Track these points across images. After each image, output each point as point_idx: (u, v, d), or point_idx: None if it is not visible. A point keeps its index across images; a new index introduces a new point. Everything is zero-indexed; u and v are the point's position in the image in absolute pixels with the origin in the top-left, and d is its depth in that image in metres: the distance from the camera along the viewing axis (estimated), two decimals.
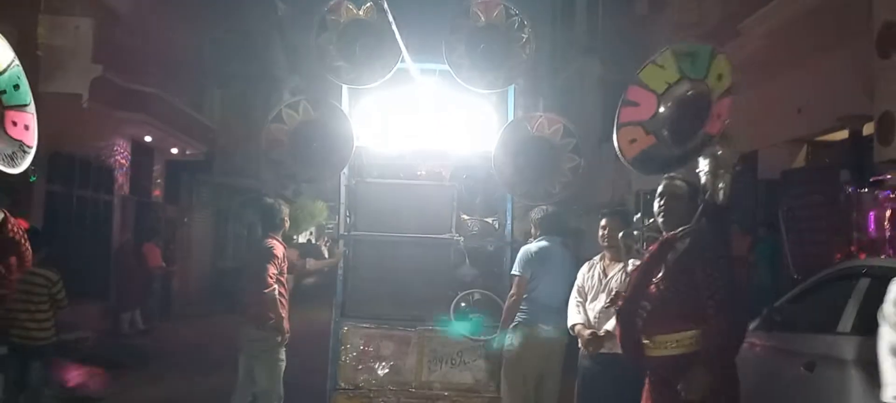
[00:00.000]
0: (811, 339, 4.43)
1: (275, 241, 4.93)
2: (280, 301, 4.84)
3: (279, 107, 5.02)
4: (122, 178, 13.43)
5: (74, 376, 6.43)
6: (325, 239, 20.47)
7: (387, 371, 5.29)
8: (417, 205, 5.48)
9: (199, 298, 15.95)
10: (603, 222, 4.55)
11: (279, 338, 4.83)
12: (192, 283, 16.16)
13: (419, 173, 5.73)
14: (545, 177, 5.05)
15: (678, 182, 3.23)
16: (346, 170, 5.44)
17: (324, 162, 4.99)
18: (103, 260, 12.67)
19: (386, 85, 5.27)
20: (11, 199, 3.67)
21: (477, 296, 5.35)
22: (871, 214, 6.40)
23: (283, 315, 4.85)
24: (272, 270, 4.75)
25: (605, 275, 4.47)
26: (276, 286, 4.76)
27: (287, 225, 5.10)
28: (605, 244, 4.48)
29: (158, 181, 15.02)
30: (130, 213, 13.71)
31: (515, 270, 4.90)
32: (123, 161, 13.53)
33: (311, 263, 5.46)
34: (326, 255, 13.07)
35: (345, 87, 5.28)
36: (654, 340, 3.17)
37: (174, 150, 14.81)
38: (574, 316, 4.56)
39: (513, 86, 5.31)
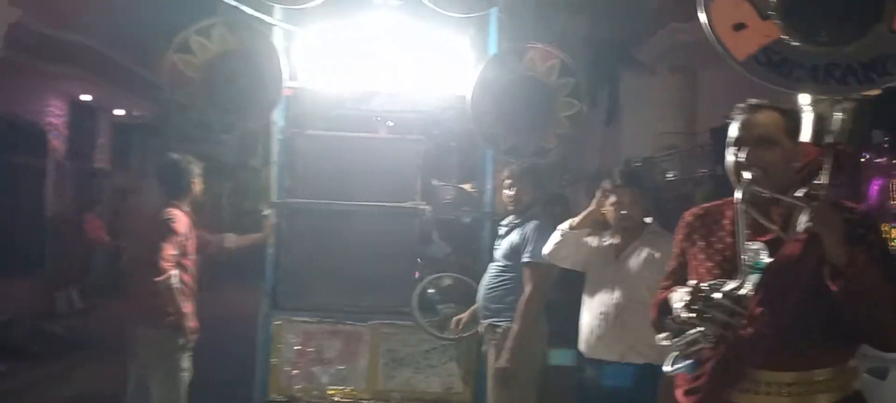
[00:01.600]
0: None
1: (176, 211, 3.69)
2: (182, 290, 3.62)
3: (186, 32, 3.76)
4: (56, 142, 12.06)
5: None
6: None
7: (332, 377, 4.13)
8: (373, 165, 4.29)
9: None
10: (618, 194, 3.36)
11: (181, 340, 3.61)
12: None
13: (377, 124, 4.51)
14: (537, 127, 3.86)
15: (772, 111, 2.03)
16: (279, 120, 4.21)
17: (245, 106, 3.76)
18: (35, 233, 11.35)
19: (334, 8, 4.05)
20: None
21: (448, 282, 4.20)
22: None
23: (188, 309, 3.64)
24: (169, 250, 3.53)
25: (618, 261, 3.31)
26: (174, 272, 3.54)
27: (197, 189, 3.86)
28: (621, 221, 3.31)
29: (102, 146, 13.61)
30: (68, 181, 12.36)
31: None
32: (57, 122, 12.14)
33: (231, 240, 4.24)
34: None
35: (278, 7, 4.03)
36: (758, 380, 1.95)
37: (119, 111, 13.40)
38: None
39: (495, 8, 4.09)
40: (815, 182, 1.91)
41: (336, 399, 4.11)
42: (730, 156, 2.02)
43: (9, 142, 10.51)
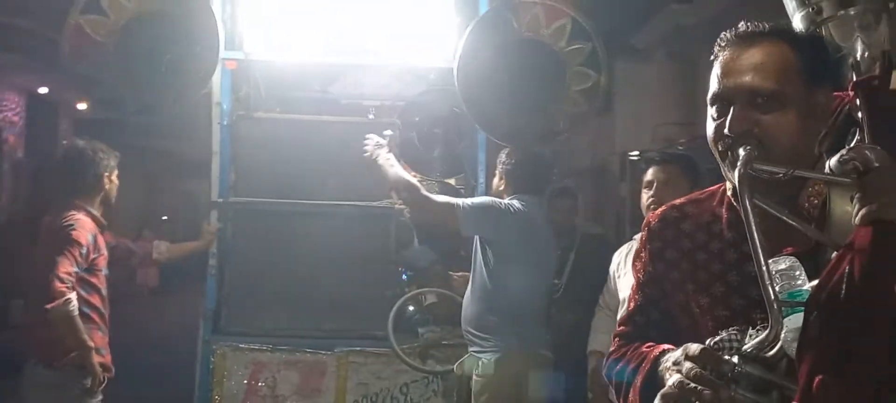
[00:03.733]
0: None
1: (80, 216, 2.87)
2: (88, 317, 2.81)
3: None
4: (12, 138, 11.36)
5: None
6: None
7: None
8: (339, 156, 3.50)
9: (116, 279, 13.94)
10: (650, 175, 2.62)
11: (87, 382, 2.79)
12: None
13: (343, 108, 3.71)
14: (543, 105, 3.07)
15: (776, 42, 1.20)
16: (222, 101, 3.41)
17: (169, 79, 2.95)
18: None
19: None
20: None
21: (432, 298, 3.41)
22: None
23: (97, 342, 2.82)
24: (67, 267, 2.71)
25: None
26: (72, 294, 2.72)
27: (109, 185, 3.03)
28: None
29: (64, 143, 12.83)
30: (25, 180, 11.69)
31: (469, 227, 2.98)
32: (14, 117, 11.45)
33: (160, 249, 3.41)
34: None
35: None
36: None
37: (82, 106, 12.63)
38: (601, 337, 2.72)
39: None
40: (850, 147, 1.10)
41: None
42: (710, 124, 1.23)
43: None
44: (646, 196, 2.63)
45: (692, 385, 1.08)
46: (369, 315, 3.38)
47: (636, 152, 9.75)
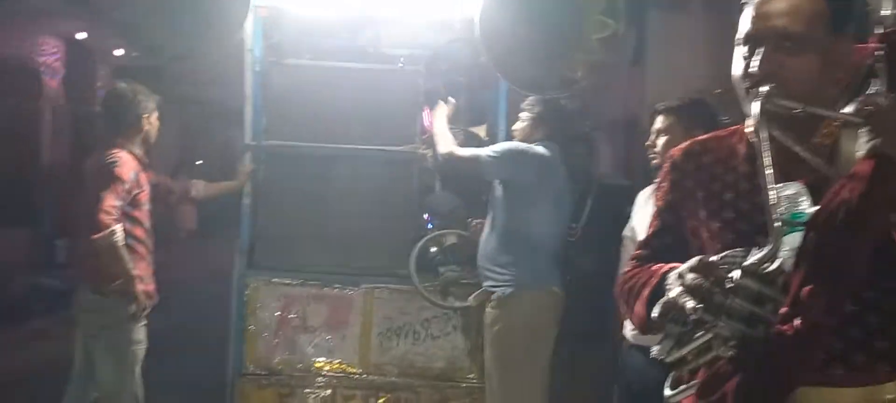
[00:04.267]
0: None
1: (122, 153, 3.07)
2: (133, 249, 3.03)
3: None
4: (53, 83, 11.56)
5: None
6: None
7: (318, 348, 3.55)
8: (366, 102, 3.64)
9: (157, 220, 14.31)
10: (660, 124, 2.70)
11: (131, 308, 3.03)
12: None
13: (370, 56, 3.83)
14: (562, 54, 3.16)
15: None
16: (254, 47, 3.56)
17: (204, 25, 3.10)
18: (32, 177, 10.94)
19: None
20: None
21: (452, 239, 3.57)
22: None
23: (140, 271, 3.04)
24: (111, 201, 2.92)
25: None
26: (118, 227, 2.93)
27: (149, 126, 3.22)
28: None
29: (101, 89, 13.07)
30: (66, 124, 11.90)
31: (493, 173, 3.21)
32: (55, 62, 11.63)
33: (198, 188, 3.62)
34: None
35: None
36: None
37: (119, 53, 12.82)
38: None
39: None
40: (868, 93, 1.19)
41: (322, 372, 3.54)
42: (737, 63, 1.33)
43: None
44: (649, 142, 2.71)
45: (689, 285, 1.17)
46: (393, 254, 3.54)
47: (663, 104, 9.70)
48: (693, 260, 1.21)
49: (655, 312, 1.24)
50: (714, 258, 1.20)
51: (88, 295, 3.07)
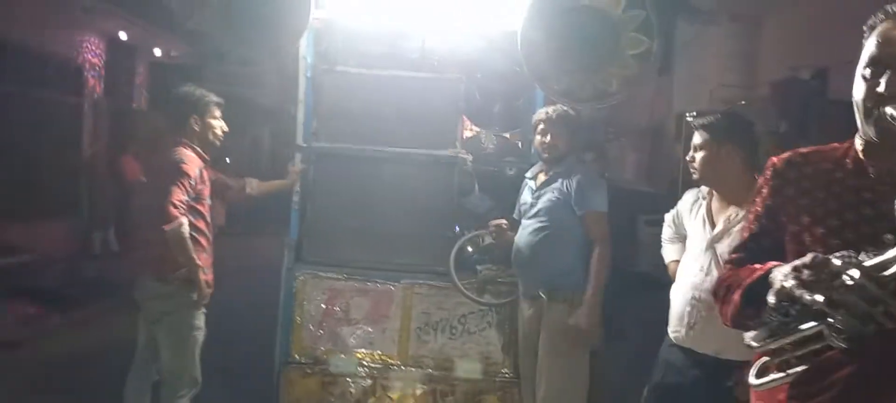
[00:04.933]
0: None
1: (188, 151, 3.31)
2: (196, 240, 3.26)
3: None
4: (93, 80, 11.84)
5: None
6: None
7: (359, 339, 3.77)
8: (409, 108, 3.85)
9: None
10: (697, 140, 2.81)
11: (193, 296, 3.26)
12: None
13: (414, 63, 4.03)
14: (597, 67, 3.35)
15: None
16: (307, 55, 3.79)
17: (267, 34, 3.33)
18: (70, 171, 11.22)
19: None
20: None
21: (489, 240, 3.77)
22: None
23: (202, 262, 3.28)
24: (179, 195, 3.15)
25: (711, 224, 2.76)
26: (185, 219, 3.17)
27: (214, 128, 3.45)
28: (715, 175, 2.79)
29: (139, 86, 13.39)
30: (105, 120, 12.15)
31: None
32: (96, 60, 11.91)
33: (253, 186, 3.86)
34: None
35: None
36: None
37: (157, 51, 13.13)
38: (670, 251, 3.04)
39: None
40: None
41: (363, 363, 3.76)
42: (860, 84, 1.42)
43: (44, 77, 10.28)
44: (689, 157, 2.85)
45: (805, 279, 1.24)
46: (433, 252, 3.74)
47: (693, 113, 9.77)
48: (807, 257, 1.27)
49: (771, 299, 1.32)
50: (833, 258, 1.25)
51: (153, 283, 3.31)
